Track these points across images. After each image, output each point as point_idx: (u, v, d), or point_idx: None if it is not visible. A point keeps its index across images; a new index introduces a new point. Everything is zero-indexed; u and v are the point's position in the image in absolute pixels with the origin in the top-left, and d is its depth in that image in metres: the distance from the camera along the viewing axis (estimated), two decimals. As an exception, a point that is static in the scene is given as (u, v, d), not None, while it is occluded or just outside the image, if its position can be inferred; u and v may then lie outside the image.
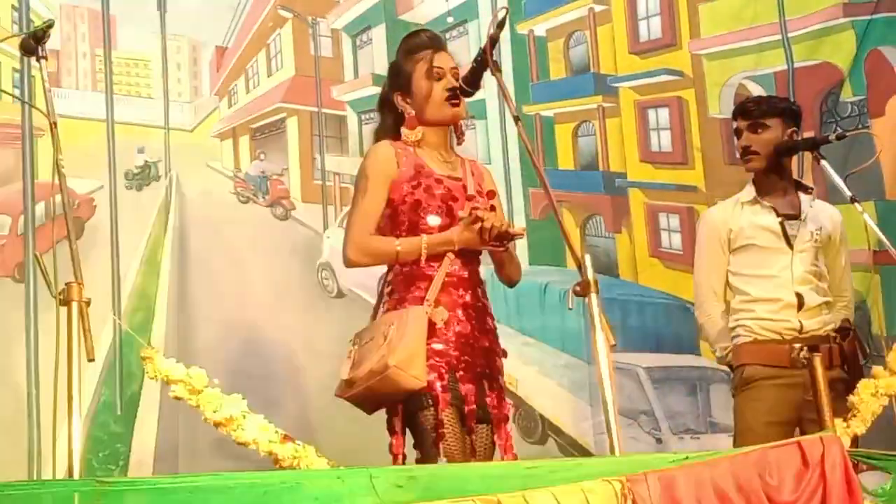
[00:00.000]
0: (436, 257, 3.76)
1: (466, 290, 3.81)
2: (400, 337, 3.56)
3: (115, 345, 5.74)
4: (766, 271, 4.64)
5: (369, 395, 3.64)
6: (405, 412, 3.67)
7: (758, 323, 4.62)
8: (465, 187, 3.91)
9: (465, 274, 3.82)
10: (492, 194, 3.99)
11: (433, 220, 3.81)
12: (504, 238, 3.73)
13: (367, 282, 3.82)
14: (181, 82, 6.74)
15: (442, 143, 3.97)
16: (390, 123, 3.99)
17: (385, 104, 4.04)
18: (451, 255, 3.76)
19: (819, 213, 4.75)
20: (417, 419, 3.64)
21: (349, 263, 3.87)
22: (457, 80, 3.90)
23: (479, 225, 3.68)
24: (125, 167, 6.26)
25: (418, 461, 3.65)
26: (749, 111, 4.75)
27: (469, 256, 3.83)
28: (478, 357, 3.77)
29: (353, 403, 3.74)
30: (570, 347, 6.60)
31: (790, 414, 4.49)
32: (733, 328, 4.70)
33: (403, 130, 3.93)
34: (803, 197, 4.74)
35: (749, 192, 4.74)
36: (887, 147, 6.54)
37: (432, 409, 3.60)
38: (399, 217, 3.83)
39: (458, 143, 4.06)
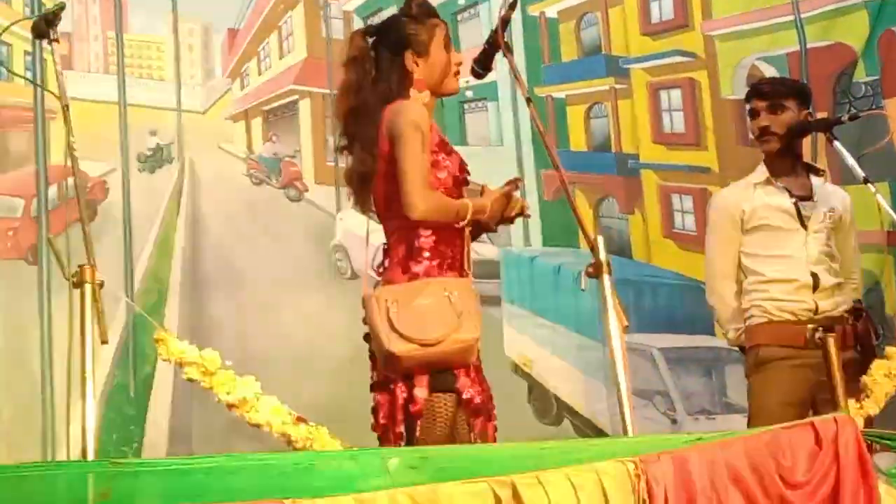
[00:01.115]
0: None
1: None
2: (468, 309, 3.40)
3: (129, 327, 5.77)
4: (780, 251, 4.62)
5: (434, 360, 3.39)
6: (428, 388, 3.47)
7: (773, 303, 4.60)
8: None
9: None
10: None
11: (451, 188, 3.63)
12: (518, 217, 3.70)
13: (382, 263, 3.74)
14: (193, 64, 6.76)
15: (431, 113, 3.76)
16: (398, 83, 3.67)
17: (384, 60, 3.69)
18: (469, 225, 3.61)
19: (830, 195, 4.73)
20: (434, 401, 3.46)
21: (420, 213, 3.46)
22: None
23: (509, 200, 3.61)
24: (138, 150, 6.29)
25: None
26: (767, 92, 4.72)
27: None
28: None
29: (394, 361, 3.39)
30: (584, 328, 6.59)
31: (804, 394, 4.47)
32: (747, 309, 4.69)
33: (414, 92, 3.67)
34: (814, 179, 4.72)
35: (761, 173, 4.71)
36: (901, 127, 6.52)
37: (452, 395, 3.45)
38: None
39: None
